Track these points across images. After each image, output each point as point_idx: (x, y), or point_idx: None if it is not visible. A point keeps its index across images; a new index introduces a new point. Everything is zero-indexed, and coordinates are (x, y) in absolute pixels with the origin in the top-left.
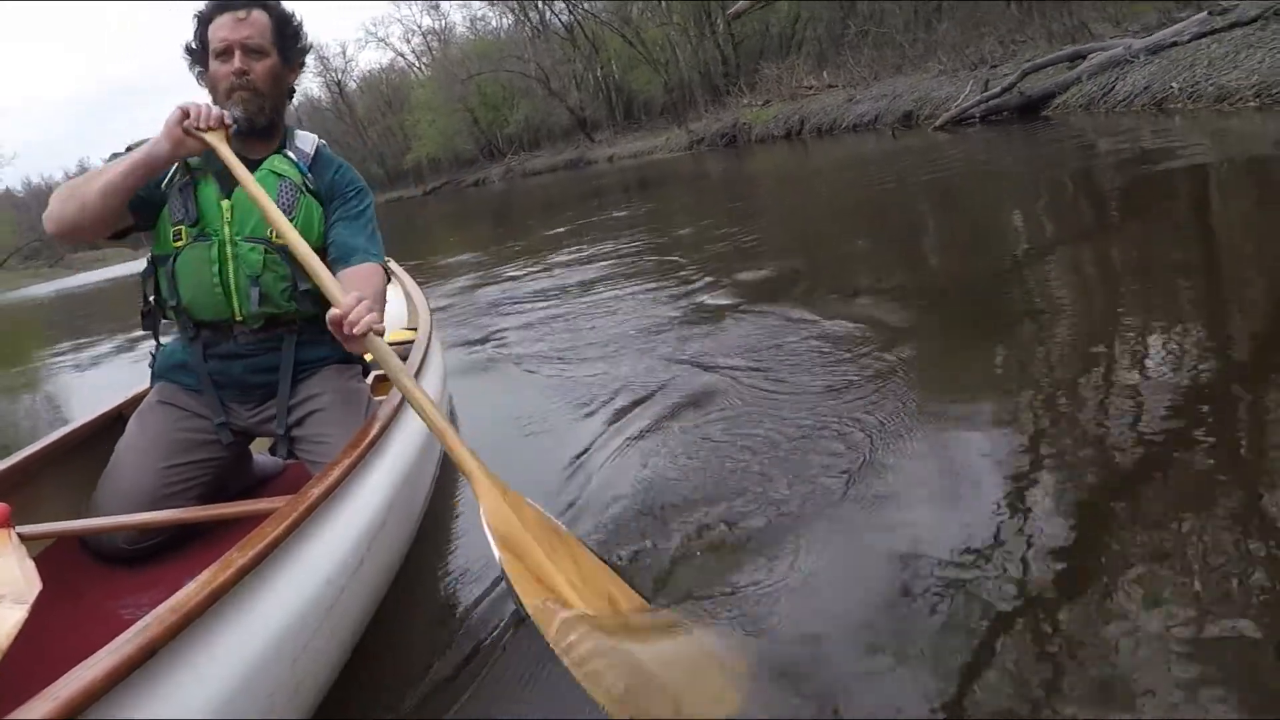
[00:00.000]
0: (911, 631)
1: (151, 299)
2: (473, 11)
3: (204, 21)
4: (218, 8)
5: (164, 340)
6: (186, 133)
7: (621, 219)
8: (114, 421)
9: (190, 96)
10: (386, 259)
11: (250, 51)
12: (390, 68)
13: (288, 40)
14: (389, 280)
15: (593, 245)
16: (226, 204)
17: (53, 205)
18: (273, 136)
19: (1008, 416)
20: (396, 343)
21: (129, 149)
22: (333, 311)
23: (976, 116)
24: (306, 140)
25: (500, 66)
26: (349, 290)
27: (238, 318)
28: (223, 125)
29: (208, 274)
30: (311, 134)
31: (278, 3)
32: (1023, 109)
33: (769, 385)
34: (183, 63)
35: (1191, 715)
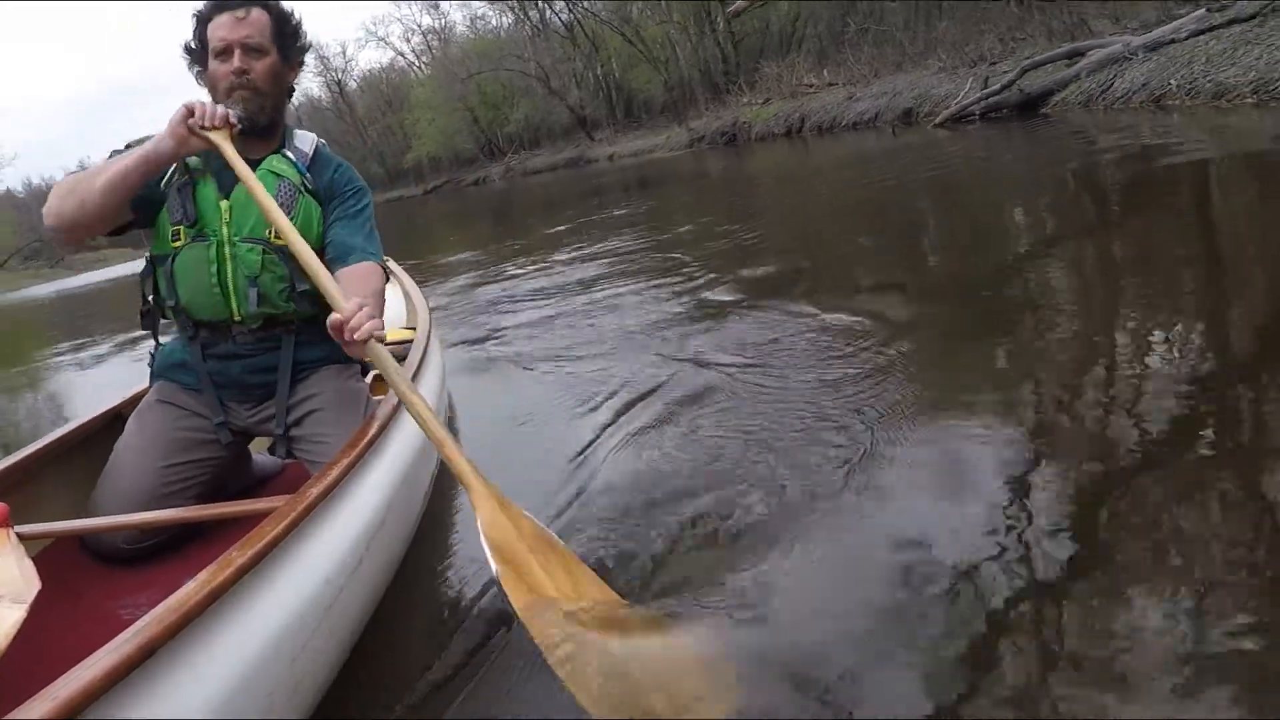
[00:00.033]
0: (910, 628)
1: (150, 298)
2: (472, 10)
3: (203, 21)
4: (216, 7)
5: (163, 339)
6: (191, 131)
7: (621, 217)
8: (113, 421)
9: (190, 96)
10: (385, 258)
11: (250, 50)
12: (390, 67)
13: (287, 39)
14: (387, 279)
15: (593, 243)
16: (225, 204)
17: (52, 201)
18: (272, 136)
19: (1008, 411)
20: (395, 342)
21: (128, 146)
22: (334, 317)
23: (976, 114)
24: (305, 140)
25: (500, 65)
26: (349, 293)
27: (236, 318)
28: (228, 125)
29: (206, 274)
30: (310, 133)
31: (277, 1)
32: (1022, 106)
33: (769, 382)
34: (183, 63)
35: (1194, 714)
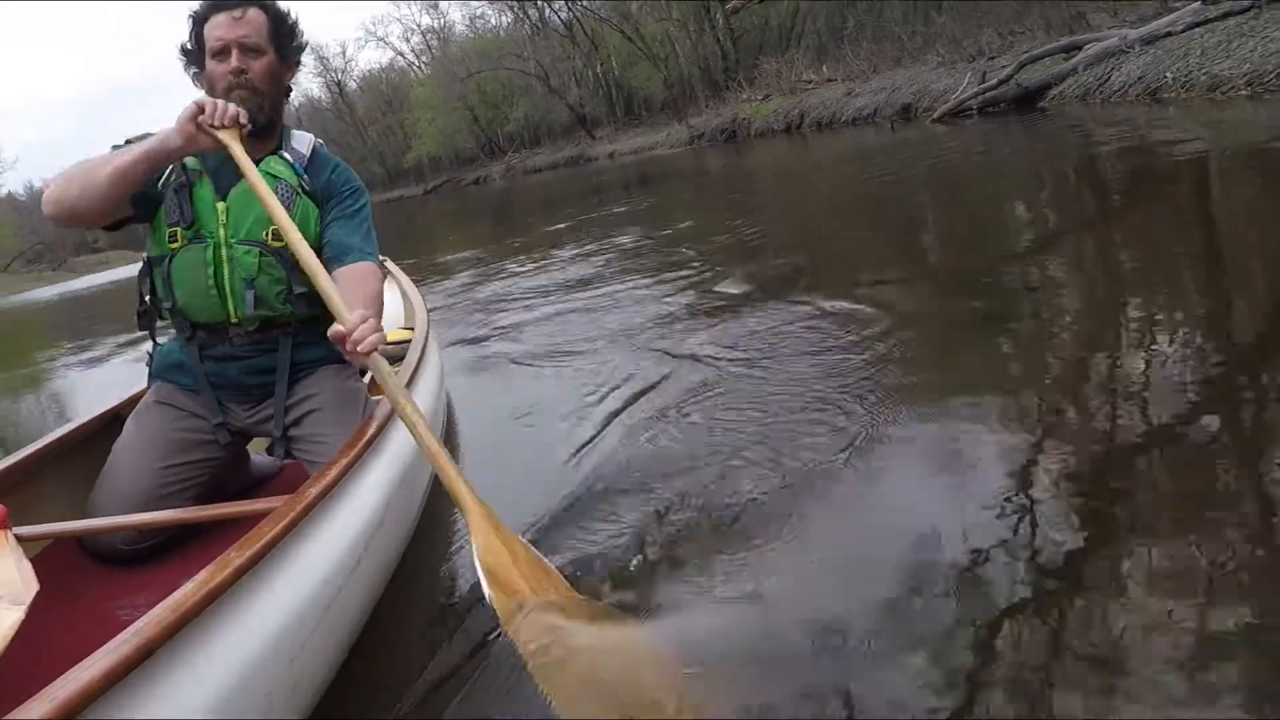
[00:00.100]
0: (908, 624)
1: (147, 299)
2: (471, 10)
3: (199, 21)
4: (213, 7)
5: (161, 340)
6: (200, 128)
7: (622, 214)
8: (111, 422)
9: (190, 96)
10: (383, 258)
11: (247, 50)
12: (390, 67)
13: (284, 38)
14: (384, 279)
15: (593, 241)
16: (222, 206)
17: (54, 189)
18: (270, 136)
19: (1009, 401)
20: (393, 342)
21: (128, 142)
22: (336, 328)
23: (974, 108)
24: (303, 140)
25: (500, 64)
26: (349, 297)
27: (233, 320)
28: (237, 124)
29: (203, 277)
30: (308, 134)
31: (273, 1)
32: (1020, 100)
33: (770, 377)
34: (182, 63)
35: (1195, 713)
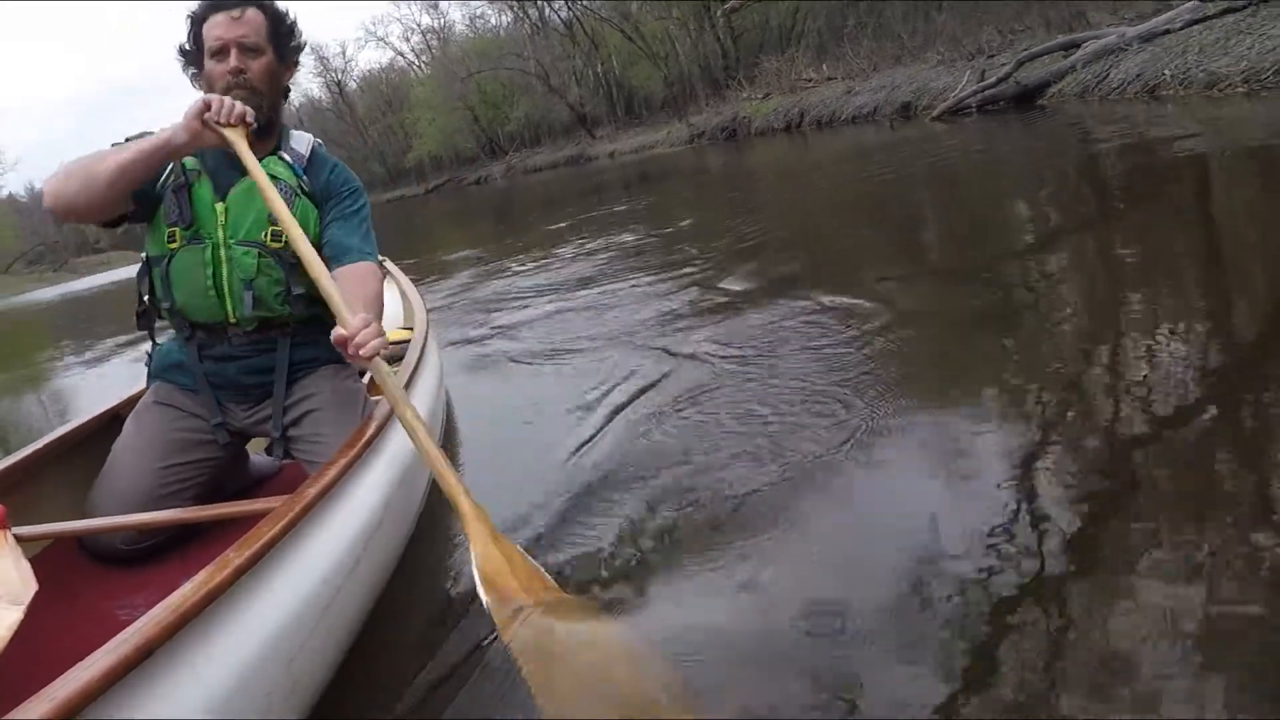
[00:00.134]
0: (909, 622)
1: (146, 299)
2: (471, 10)
3: (197, 21)
4: (211, 7)
5: (160, 340)
6: (206, 125)
7: (622, 213)
8: (111, 422)
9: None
10: (382, 258)
11: (246, 50)
12: (390, 67)
13: (283, 38)
14: (384, 279)
15: (593, 240)
16: (221, 207)
17: (54, 182)
18: (269, 136)
19: (1008, 400)
20: (393, 342)
21: (128, 140)
22: (338, 332)
23: (973, 106)
24: (302, 140)
25: (500, 64)
26: (350, 299)
27: (232, 320)
28: (244, 123)
29: (201, 277)
30: (307, 134)
31: (272, 1)
32: (1019, 98)
33: (770, 375)
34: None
35: (1197, 712)
